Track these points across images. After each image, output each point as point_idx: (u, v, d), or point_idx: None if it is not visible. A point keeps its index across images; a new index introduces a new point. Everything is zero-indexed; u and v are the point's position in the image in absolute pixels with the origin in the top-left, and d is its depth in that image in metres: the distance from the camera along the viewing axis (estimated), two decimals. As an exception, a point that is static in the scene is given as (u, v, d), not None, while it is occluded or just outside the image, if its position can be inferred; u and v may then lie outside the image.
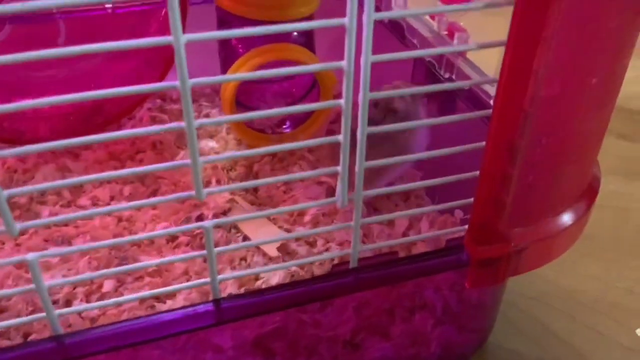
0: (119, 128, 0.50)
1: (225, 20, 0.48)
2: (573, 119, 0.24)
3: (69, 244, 0.39)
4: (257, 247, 0.40)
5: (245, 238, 0.41)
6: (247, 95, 0.49)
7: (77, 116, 0.49)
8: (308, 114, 0.48)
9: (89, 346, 0.23)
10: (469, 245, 0.26)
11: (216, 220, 0.24)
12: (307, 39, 0.48)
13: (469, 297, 0.35)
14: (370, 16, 0.20)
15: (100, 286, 0.36)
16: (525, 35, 0.21)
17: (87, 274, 0.24)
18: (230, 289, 0.37)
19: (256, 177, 0.46)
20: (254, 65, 0.44)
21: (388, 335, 0.34)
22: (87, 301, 0.35)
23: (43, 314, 0.23)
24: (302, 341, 0.34)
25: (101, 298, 0.36)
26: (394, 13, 0.22)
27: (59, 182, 0.21)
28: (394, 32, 0.47)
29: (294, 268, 0.38)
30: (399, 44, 0.46)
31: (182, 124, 0.21)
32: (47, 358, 0.22)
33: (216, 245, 0.40)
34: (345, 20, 0.20)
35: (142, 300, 0.35)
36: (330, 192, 0.44)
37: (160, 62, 0.48)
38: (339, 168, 0.23)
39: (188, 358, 0.30)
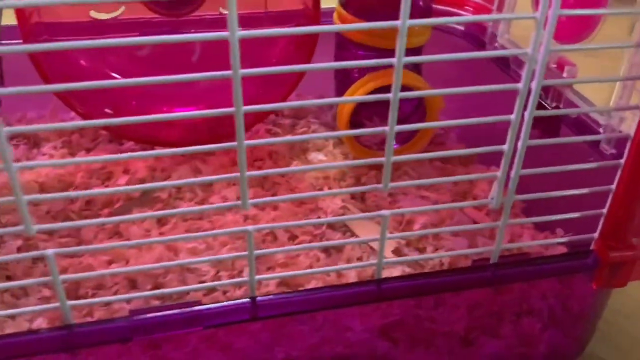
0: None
1: (343, 45, 0.53)
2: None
3: (207, 235, 0.44)
4: (372, 249, 0.44)
5: (360, 241, 0.45)
6: (356, 115, 0.54)
7: (203, 126, 0.54)
8: (413, 133, 0.52)
9: (275, 309, 0.28)
10: (600, 250, 0.30)
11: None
12: (416, 65, 0.53)
13: (572, 306, 0.39)
14: (548, 45, 0.24)
15: (241, 272, 0.40)
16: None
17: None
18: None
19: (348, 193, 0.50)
20: (370, 89, 0.49)
21: (499, 335, 0.38)
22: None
23: (243, 278, 0.27)
24: (420, 333, 0.38)
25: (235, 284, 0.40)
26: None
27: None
28: (497, 62, 0.52)
29: (407, 270, 0.42)
30: (503, 73, 0.51)
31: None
32: (243, 313, 0.27)
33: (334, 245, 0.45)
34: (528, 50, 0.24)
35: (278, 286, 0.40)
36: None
37: (279, 85, 0.53)
38: (498, 173, 0.27)
39: (332, 335, 0.34)
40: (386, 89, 0.50)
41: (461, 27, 0.57)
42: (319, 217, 0.47)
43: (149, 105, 0.52)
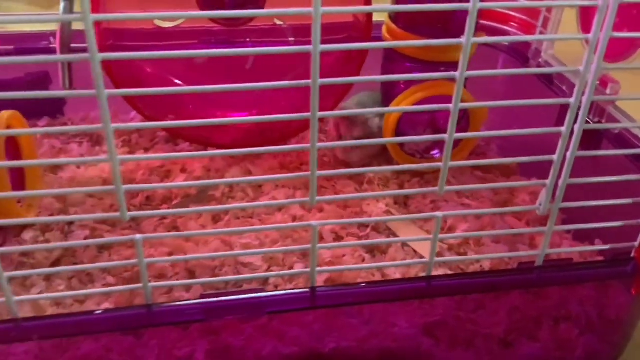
0: (286, 144, 0.58)
1: (390, 57, 0.55)
2: None
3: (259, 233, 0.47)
4: (415, 251, 0.46)
5: (403, 244, 0.47)
6: (400, 123, 0.56)
7: (255, 130, 0.57)
8: (456, 143, 0.54)
9: (333, 299, 0.30)
10: (641, 258, 0.31)
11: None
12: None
13: (609, 313, 0.40)
14: (599, 64, 0.26)
15: (291, 267, 0.43)
16: None
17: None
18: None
19: (406, 194, 0.53)
20: (416, 100, 0.51)
21: (537, 338, 0.40)
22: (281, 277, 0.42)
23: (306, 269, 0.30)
24: (461, 334, 0.39)
25: (294, 275, 0.43)
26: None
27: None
28: (540, 76, 0.53)
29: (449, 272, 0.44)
30: (545, 88, 0.52)
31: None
32: (304, 301, 0.30)
33: (378, 247, 0.47)
34: (580, 69, 0.26)
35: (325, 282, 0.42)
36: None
37: (329, 95, 0.55)
38: (547, 181, 0.29)
39: (379, 329, 0.36)
40: (430, 99, 0.53)
41: (505, 43, 0.59)
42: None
43: (204, 109, 0.55)
